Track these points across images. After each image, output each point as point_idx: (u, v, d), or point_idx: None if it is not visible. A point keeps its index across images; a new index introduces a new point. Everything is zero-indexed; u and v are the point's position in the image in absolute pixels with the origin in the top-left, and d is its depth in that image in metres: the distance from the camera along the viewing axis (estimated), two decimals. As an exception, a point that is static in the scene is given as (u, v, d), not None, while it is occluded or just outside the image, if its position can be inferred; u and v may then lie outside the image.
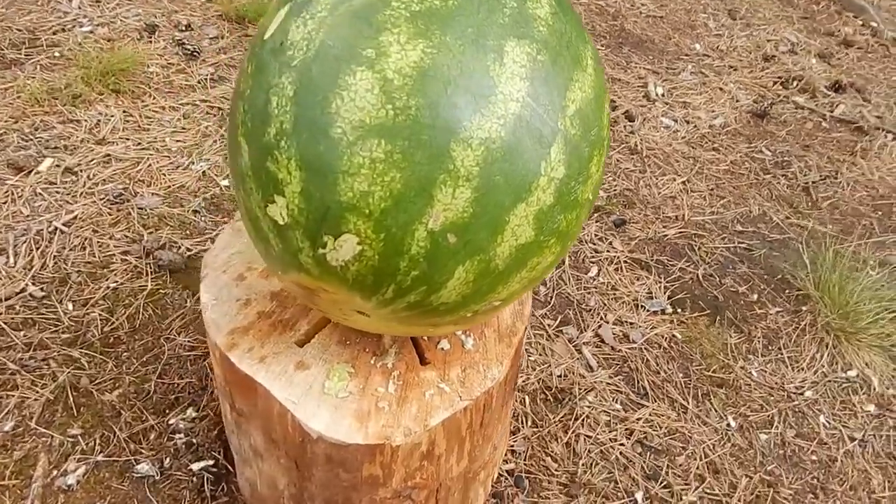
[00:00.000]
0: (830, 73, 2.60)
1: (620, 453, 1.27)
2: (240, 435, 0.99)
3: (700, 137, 2.16)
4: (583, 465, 1.24)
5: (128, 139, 1.78)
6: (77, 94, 1.86)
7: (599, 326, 1.53)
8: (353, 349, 0.92)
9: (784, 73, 2.54)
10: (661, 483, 1.26)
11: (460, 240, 0.67)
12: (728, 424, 1.38)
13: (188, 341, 1.37)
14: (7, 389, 1.27)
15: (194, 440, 1.22)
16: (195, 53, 2.07)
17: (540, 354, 1.45)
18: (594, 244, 1.71)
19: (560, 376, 1.41)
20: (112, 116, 1.83)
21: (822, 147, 2.23)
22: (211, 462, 1.19)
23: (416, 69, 0.64)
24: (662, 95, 2.32)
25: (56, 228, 1.54)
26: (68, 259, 1.49)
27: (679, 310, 1.60)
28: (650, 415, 1.36)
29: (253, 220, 0.73)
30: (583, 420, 1.32)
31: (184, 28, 2.19)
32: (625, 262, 1.69)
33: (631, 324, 1.55)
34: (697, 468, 1.28)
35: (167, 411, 1.26)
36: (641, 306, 1.59)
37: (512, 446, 1.26)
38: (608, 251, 1.70)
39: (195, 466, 1.19)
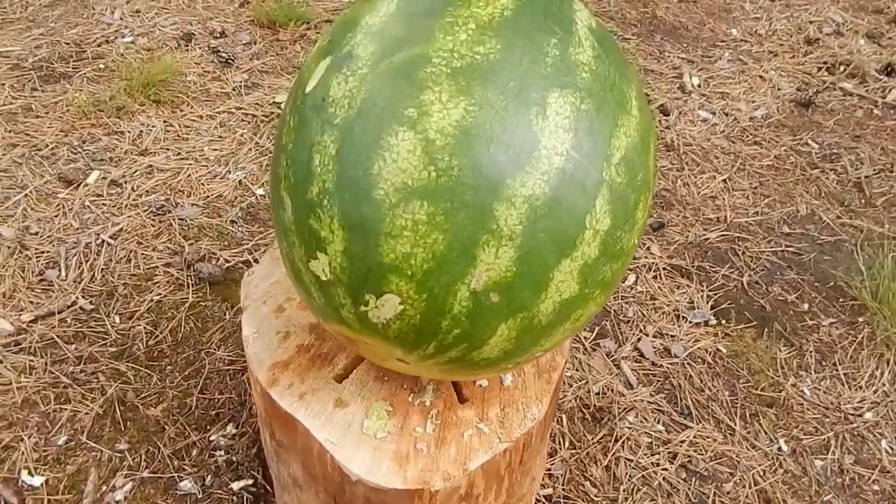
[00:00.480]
0: (881, 54, 2.47)
1: (664, 479, 1.25)
2: (279, 463, 1.00)
3: (741, 131, 2.09)
4: (624, 490, 1.22)
5: (168, 149, 1.79)
6: (121, 105, 1.88)
7: (639, 339, 1.50)
8: (391, 385, 0.91)
9: (830, 56, 2.43)
10: (705, 504, 1.23)
11: (503, 299, 0.65)
12: (779, 448, 1.33)
13: (227, 355, 1.38)
14: (61, 403, 1.29)
15: (234, 458, 1.23)
16: (229, 60, 2.07)
17: (577, 370, 1.43)
18: (633, 251, 1.67)
19: (598, 394, 1.39)
20: (153, 127, 1.85)
21: (875, 137, 2.13)
22: (250, 482, 1.21)
23: (458, 128, 0.62)
24: (699, 86, 2.24)
25: (103, 241, 1.56)
26: (115, 271, 1.51)
27: (723, 321, 1.56)
28: (695, 437, 1.33)
29: (295, 271, 0.72)
30: (623, 442, 1.30)
31: (218, 35, 2.19)
32: (664, 268, 1.65)
33: (672, 336, 1.51)
34: (747, 497, 1.25)
35: (208, 427, 1.27)
36: (683, 317, 1.55)
37: (549, 470, 1.24)
38: (646, 257, 1.67)
39: (235, 486, 1.20)
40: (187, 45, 2.16)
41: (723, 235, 1.75)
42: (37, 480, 1.20)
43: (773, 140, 2.07)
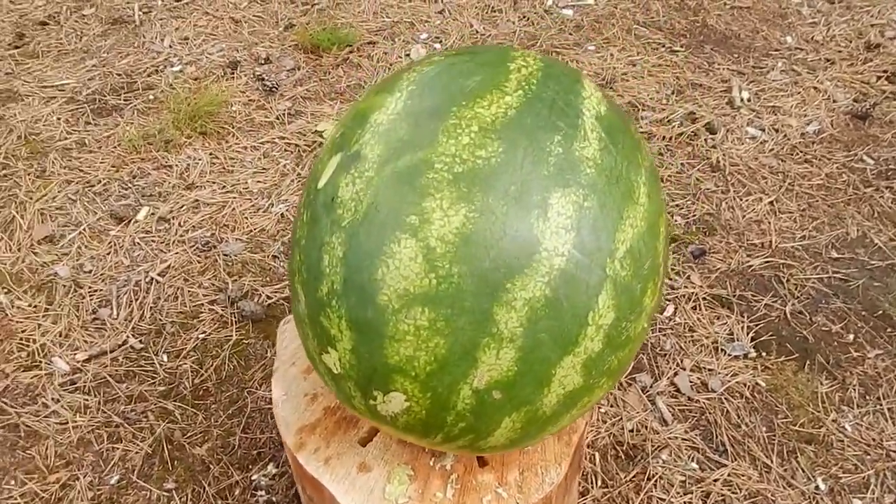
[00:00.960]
0: (946, 60, 2.36)
1: (694, 525, 1.25)
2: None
3: (791, 148, 2.03)
4: (653, 538, 1.23)
5: (214, 182, 1.86)
6: (168, 138, 1.96)
7: (675, 374, 1.49)
8: (413, 449, 0.94)
9: (891, 64, 2.33)
10: (738, 550, 1.23)
11: (505, 395, 0.67)
12: (817, 487, 1.31)
13: (268, 394, 1.44)
14: (113, 442, 1.38)
15: (274, 498, 1.29)
16: (273, 88, 2.13)
17: (611, 406, 1.43)
18: (670, 280, 1.66)
19: (632, 431, 1.39)
20: (199, 160, 1.92)
21: (935, 151, 2.04)
22: (292, 520, 1.26)
23: (458, 235, 0.64)
24: (748, 100, 2.19)
25: (152, 279, 1.64)
26: (163, 309, 1.59)
27: (764, 353, 1.53)
28: (729, 475, 1.32)
29: (311, 359, 0.76)
30: (656, 481, 1.30)
31: (263, 61, 2.25)
32: (704, 299, 1.63)
33: (710, 370, 1.50)
34: (777, 540, 1.24)
35: (250, 467, 1.33)
36: (722, 350, 1.53)
37: (581, 513, 1.26)
38: (686, 287, 1.65)
39: (278, 523, 1.26)
40: (233, 73, 2.23)
41: (767, 262, 1.71)
42: (92, 516, 1.28)
43: (825, 157, 2.01)
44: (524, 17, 2.51)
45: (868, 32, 2.46)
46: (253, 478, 1.32)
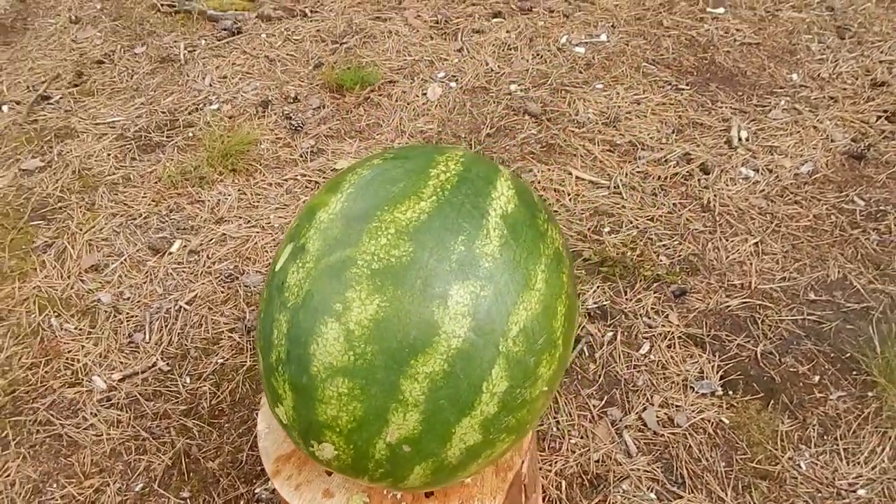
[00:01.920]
0: (956, 97, 2.38)
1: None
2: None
3: (781, 189, 2.10)
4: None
5: (240, 217, 2.07)
6: (203, 175, 2.17)
7: (644, 409, 1.61)
8: (372, 479, 1.10)
9: (892, 103, 2.37)
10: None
11: (413, 449, 0.82)
12: (763, 521, 1.42)
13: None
14: (140, 454, 1.59)
15: (274, 509, 1.47)
16: (299, 127, 2.32)
17: (581, 437, 1.56)
18: (649, 318, 1.77)
19: (598, 461, 1.52)
20: (229, 196, 2.13)
21: (931, 192, 2.09)
22: (287, 529, 1.44)
23: (372, 321, 0.80)
24: (746, 140, 2.27)
25: (181, 307, 1.85)
26: (188, 335, 1.80)
27: (730, 392, 1.63)
28: (681, 506, 1.44)
29: (270, 408, 0.93)
30: (612, 510, 1.43)
31: (292, 100, 2.45)
32: (679, 337, 1.74)
33: (677, 406, 1.61)
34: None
35: (254, 481, 1.52)
36: (691, 387, 1.64)
37: (537, 537, 1.39)
38: (663, 325, 1.76)
39: (275, 531, 1.44)
40: (264, 112, 2.43)
41: (744, 303, 1.81)
42: (120, 517, 1.49)
43: (816, 198, 2.08)
44: (538, 54, 2.64)
45: (876, 69, 2.50)
46: (256, 491, 1.50)
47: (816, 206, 2.06)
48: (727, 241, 1.97)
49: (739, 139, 2.27)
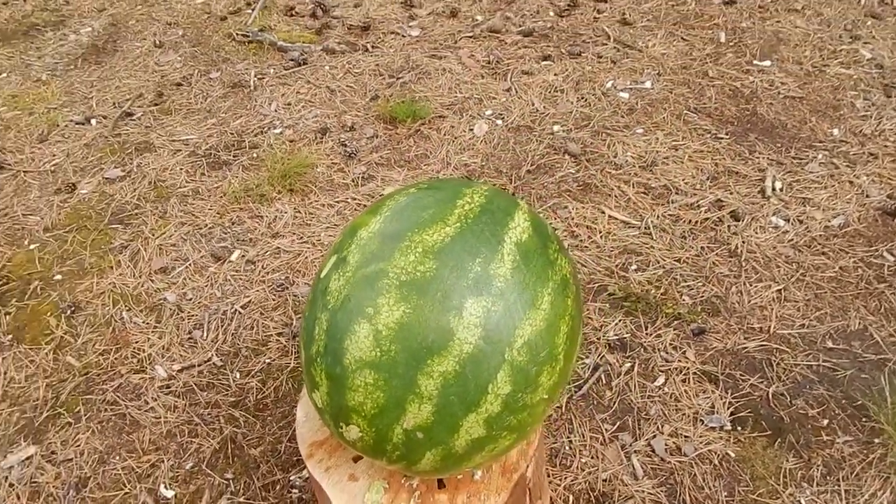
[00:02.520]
0: None
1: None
2: (322, 511, 1.37)
3: (810, 240, 2.19)
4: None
5: (294, 233, 2.27)
6: (263, 193, 2.39)
7: (654, 436, 1.72)
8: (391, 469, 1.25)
9: (935, 161, 2.44)
10: None
11: (426, 436, 0.98)
12: (757, 551, 1.51)
13: (314, 414, 1.79)
14: (192, 437, 1.77)
15: (304, 496, 1.63)
16: (353, 154, 2.53)
17: (592, 457, 1.68)
18: (666, 353, 1.89)
19: (605, 480, 1.64)
20: (285, 213, 2.34)
21: (960, 252, 2.14)
22: (315, 516, 1.60)
23: (397, 324, 0.96)
24: (780, 190, 2.36)
25: (236, 310, 2.05)
26: (241, 336, 1.99)
27: (739, 427, 1.73)
28: (678, 529, 1.54)
29: (308, 394, 1.09)
30: (613, 526, 1.54)
31: (348, 129, 2.66)
32: (694, 373, 1.84)
33: (686, 437, 1.71)
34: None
35: (290, 469, 1.69)
36: (700, 420, 1.74)
37: (540, 543, 1.52)
38: (679, 361, 1.87)
39: (303, 518, 1.60)
40: (322, 138, 2.65)
41: (762, 345, 1.90)
42: (169, 493, 1.67)
43: (844, 251, 2.16)
44: (583, 97, 2.80)
45: (917, 129, 2.57)
46: (291, 478, 1.67)
47: (844, 258, 2.14)
48: (751, 286, 2.06)
49: (773, 189, 2.37)
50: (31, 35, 3.56)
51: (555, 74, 2.93)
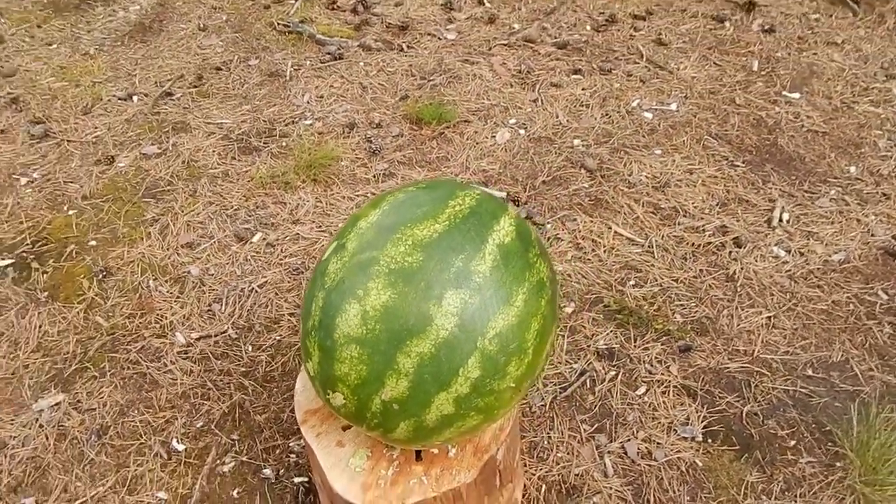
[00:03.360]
0: None
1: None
2: (314, 471, 1.57)
3: (807, 272, 2.33)
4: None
5: (313, 221, 2.47)
6: (288, 181, 2.60)
7: (628, 440, 1.88)
8: (376, 440, 1.44)
9: (948, 206, 2.54)
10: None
11: (401, 408, 1.16)
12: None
13: (315, 390, 1.99)
14: (204, 399, 1.98)
15: (300, 461, 1.83)
16: (377, 150, 2.72)
17: (567, 453, 1.85)
18: (651, 365, 2.04)
19: (577, 475, 1.81)
20: (307, 202, 2.54)
21: (955, 296, 2.26)
22: (307, 479, 1.80)
23: (383, 307, 1.14)
24: (787, 222, 2.50)
25: (253, 288, 2.26)
26: (256, 313, 2.20)
27: (709, 440, 1.89)
28: (638, 527, 1.70)
29: (303, 364, 1.29)
30: (578, 517, 1.71)
31: (375, 126, 2.86)
32: (674, 387, 2.00)
33: (658, 444, 1.88)
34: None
35: (290, 436, 1.89)
36: (674, 430, 1.90)
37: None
38: (662, 374, 2.03)
39: (297, 479, 1.80)
40: (349, 133, 2.85)
41: (744, 367, 2.05)
42: (180, 447, 1.88)
43: (839, 286, 2.29)
44: (607, 114, 2.96)
45: (932, 172, 2.68)
46: (290, 444, 1.87)
47: (838, 292, 2.27)
48: (742, 310, 2.21)
49: (780, 220, 2.51)
50: (83, 9, 3.83)
51: (583, 89, 3.10)
